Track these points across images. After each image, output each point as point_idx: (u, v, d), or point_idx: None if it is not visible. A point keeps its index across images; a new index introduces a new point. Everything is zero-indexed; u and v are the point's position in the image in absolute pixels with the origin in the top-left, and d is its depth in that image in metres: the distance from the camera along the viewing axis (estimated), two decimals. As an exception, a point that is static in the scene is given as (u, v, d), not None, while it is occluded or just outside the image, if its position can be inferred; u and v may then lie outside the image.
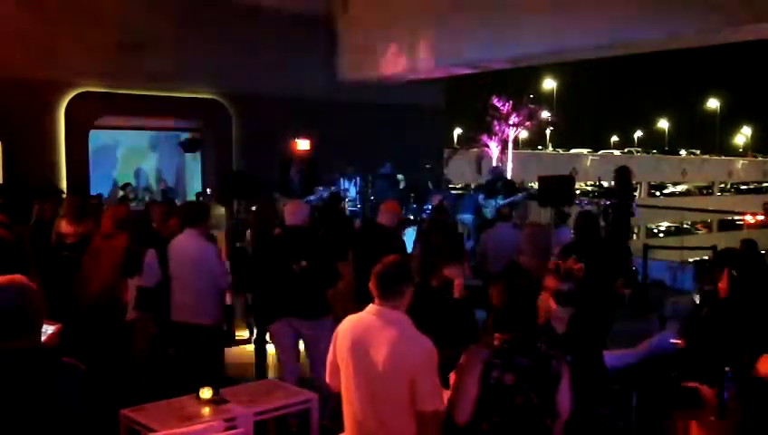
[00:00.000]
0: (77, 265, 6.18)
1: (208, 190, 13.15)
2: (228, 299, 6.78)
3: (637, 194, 41.25)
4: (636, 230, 36.29)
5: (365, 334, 3.40)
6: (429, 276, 4.87)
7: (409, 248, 8.94)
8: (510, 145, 21.05)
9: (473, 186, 25.05)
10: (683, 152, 53.21)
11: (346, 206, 12.71)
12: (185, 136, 14.98)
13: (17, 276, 2.68)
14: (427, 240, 6.79)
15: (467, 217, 11.79)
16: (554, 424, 3.32)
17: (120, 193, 14.06)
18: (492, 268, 6.89)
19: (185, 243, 5.86)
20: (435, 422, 3.32)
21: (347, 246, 6.72)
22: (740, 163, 49.98)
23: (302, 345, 5.76)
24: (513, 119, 20.25)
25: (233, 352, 7.31)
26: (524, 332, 3.35)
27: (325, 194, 11.79)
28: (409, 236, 10.65)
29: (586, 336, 3.90)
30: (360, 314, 3.50)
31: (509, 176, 16.50)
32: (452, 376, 3.52)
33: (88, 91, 13.04)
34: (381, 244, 6.22)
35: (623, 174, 10.60)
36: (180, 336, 5.89)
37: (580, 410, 3.46)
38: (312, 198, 11.92)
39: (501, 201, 11.29)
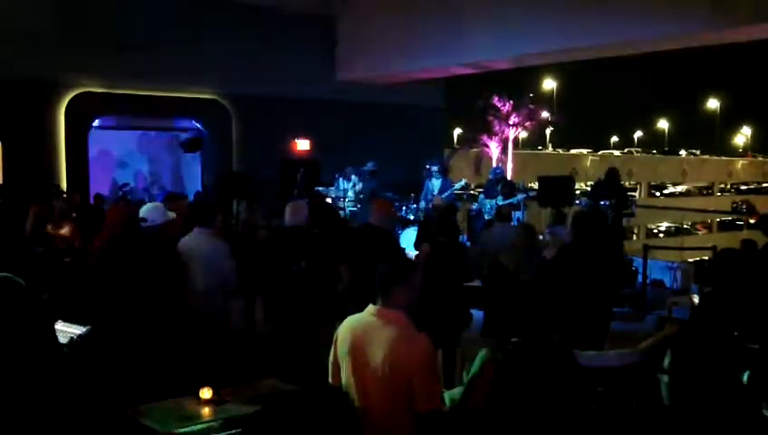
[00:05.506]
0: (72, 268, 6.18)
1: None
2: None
3: (636, 195, 41.10)
4: (636, 230, 36.34)
5: (364, 334, 3.40)
6: None
7: (406, 247, 8.95)
8: (510, 145, 20.99)
9: (472, 185, 25.06)
10: (683, 152, 53.22)
11: (345, 206, 12.70)
12: (185, 136, 14.95)
13: None
14: (433, 241, 6.76)
15: None
16: None
17: (119, 193, 14.01)
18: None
19: (196, 243, 5.81)
20: (434, 422, 3.32)
21: (343, 247, 6.69)
22: (740, 163, 49.98)
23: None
24: (514, 119, 20.18)
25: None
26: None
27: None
28: (410, 235, 10.66)
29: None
30: (359, 314, 3.50)
31: (509, 176, 16.49)
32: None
33: (88, 92, 13.04)
34: (375, 243, 6.18)
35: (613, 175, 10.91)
36: (189, 336, 5.83)
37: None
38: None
39: (500, 202, 11.28)
